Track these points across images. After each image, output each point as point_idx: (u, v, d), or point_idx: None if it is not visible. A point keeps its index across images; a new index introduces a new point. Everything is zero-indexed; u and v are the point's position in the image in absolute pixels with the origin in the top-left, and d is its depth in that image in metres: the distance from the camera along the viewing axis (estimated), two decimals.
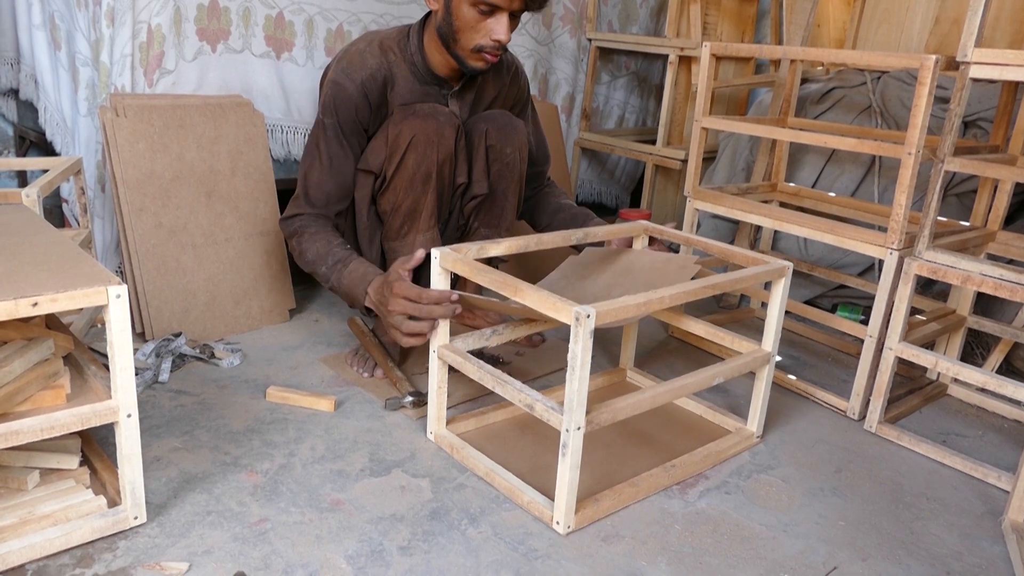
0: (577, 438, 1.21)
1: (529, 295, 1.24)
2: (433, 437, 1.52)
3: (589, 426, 1.22)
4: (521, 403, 1.29)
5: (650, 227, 1.70)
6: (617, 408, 1.27)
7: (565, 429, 1.20)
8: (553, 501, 1.27)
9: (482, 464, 1.41)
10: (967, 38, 1.50)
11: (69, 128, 2.02)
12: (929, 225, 1.60)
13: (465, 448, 1.45)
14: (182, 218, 1.88)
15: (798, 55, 1.88)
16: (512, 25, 1.60)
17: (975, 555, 1.31)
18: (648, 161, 2.93)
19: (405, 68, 1.70)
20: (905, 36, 2.51)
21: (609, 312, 1.18)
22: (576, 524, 1.28)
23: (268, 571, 1.13)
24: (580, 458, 1.23)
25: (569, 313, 1.16)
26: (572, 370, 1.17)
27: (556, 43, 2.94)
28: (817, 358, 2.10)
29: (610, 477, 1.43)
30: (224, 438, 1.48)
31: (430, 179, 1.66)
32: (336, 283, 1.60)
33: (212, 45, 2.05)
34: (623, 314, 1.21)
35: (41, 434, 1.07)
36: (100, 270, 1.10)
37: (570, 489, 1.24)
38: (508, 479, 1.37)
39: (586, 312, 1.13)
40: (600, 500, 1.33)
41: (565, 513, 1.26)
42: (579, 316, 1.14)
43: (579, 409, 1.19)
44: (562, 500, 1.25)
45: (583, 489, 1.35)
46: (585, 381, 1.18)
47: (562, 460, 1.22)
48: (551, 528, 1.27)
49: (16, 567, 1.10)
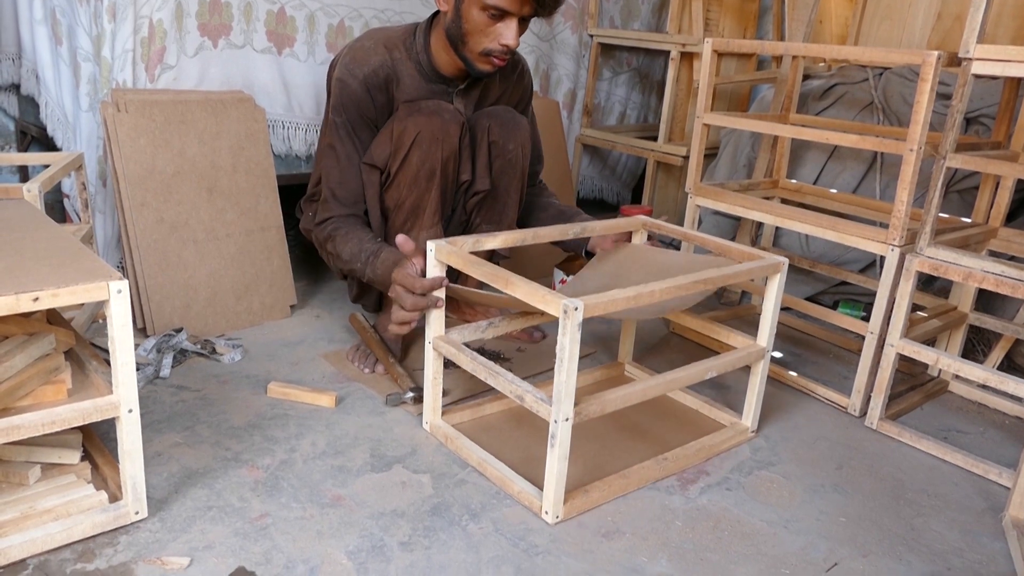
0: (565, 429, 1.22)
1: (519, 287, 1.25)
2: (428, 427, 1.53)
3: (577, 418, 1.23)
4: (512, 394, 1.31)
5: (649, 222, 1.70)
6: (606, 400, 1.28)
7: (553, 420, 1.22)
8: (542, 491, 1.29)
9: (475, 454, 1.42)
10: (969, 34, 1.49)
11: (70, 123, 2.02)
12: (930, 221, 1.60)
13: (459, 438, 1.47)
14: (183, 214, 1.88)
15: (800, 51, 1.88)
16: (521, 29, 1.60)
17: (976, 551, 1.31)
18: (649, 157, 2.92)
19: (410, 66, 1.70)
20: (907, 32, 2.50)
21: (598, 305, 1.18)
22: (565, 514, 1.29)
23: (269, 566, 1.13)
24: (568, 449, 1.24)
25: (557, 305, 1.17)
26: (560, 362, 1.18)
27: (558, 39, 2.93)
28: (818, 354, 2.10)
29: (602, 469, 1.44)
30: (225, 434, 1.48)
31: (434, 176, 1.66)
32: (372, 276, 1.57)
33: (214, 40, 2.04)
34: (613, 307, 1.21)
35: (42, 429, 1.07)
36: (101, 265, 1.10)
37: (558, 479, 1.25)
38: (500, 469, 1.38)
39: (574, 304, 1.14)
40: (590, 491, 1.34)
41: (554, 503, 1.27)
42: (567, 308, 1.15)
43: (567, 401, 1.20)
44: (551, 490, 1.26)
45: (575, 480, 1.37)
46: (573, 373, 1.18)
47: (551, 451, 1.24)
48: (544, 520, 1.28)
49: (17, 561, 1.10)
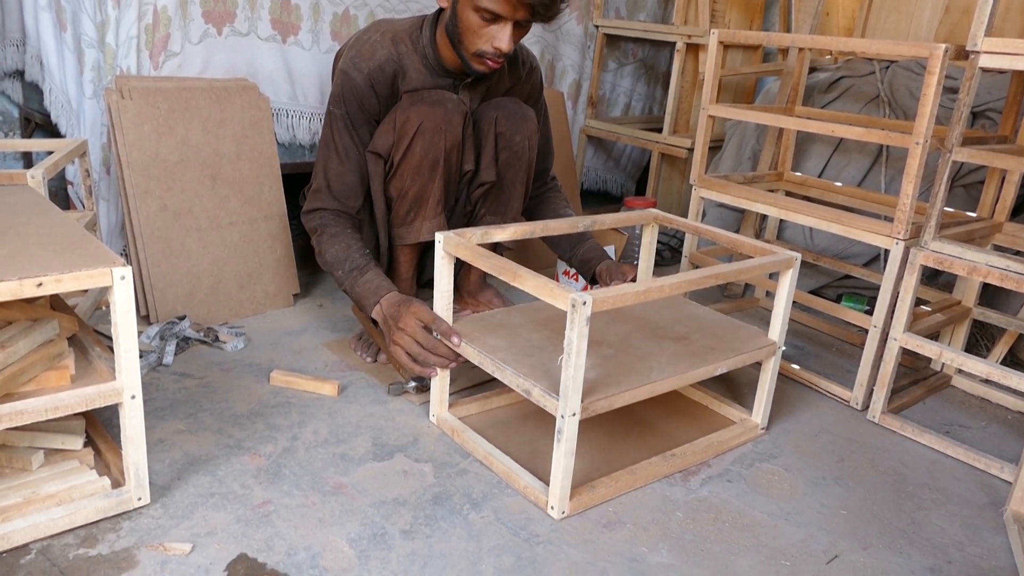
0: (572, 424, 1.21)
1: (528, 281, 1.24)
2: (435, 420, 1.52)
3: (585, 413, 1.22)
4: (519, 388, 1.29)
5: (660, 215, 1.69)
6: (614, 395, 1.26)
7: (560, 415, 1.21)
8: (548, 486, 1.28)
9: (481, 448, 1.42)
10: (977, 27, 1.48)
11: (74, 110, 2.02)
12: (936, 215, 1.59)
13: (466, 431, 1.46)
14: (187, 201, 1.88)
15: (806, 43, 1.87)
16: (518, 34, 1.58)
17: (976, 545, 1.31)
18: (654, 149, 2.92)
19: (416, 60, 1.69)
20: (915, 25, 2.49)
21: (607, 299, 1.17)
22: (571, 510, 1.28)
23: (270, 553, 1.14)
24: (575, 444, 1.23)
25: (566, 299, 1.16)
26: (568, 356, 1.16)
27: (563, 29, 2.92)
28: (821, 348, 2.10)
29: (609, 464, 1.43)
30: (228, 421, 1.48)
31: (437, 166, 1.66)
32: (349, 288, 1.61)
33: (218, 28, 2.04)
34: (621, 302, 1.20)
35: (45, 414, 1.08)
36: (105, 251, 1.10)
37: (564, 475, 1.24)
38: (506, 463, 1.37)
39: (582, 299, 1.13)
40: (596, 487, 1.33)
41: (560, 498, 1.26)
42: (575, 303, 1.14)
43: (574, 395, 1.19)
44: (556, 485, 1.25)
45: (582, 475, 1.36)
46: (581, 368, 1.17)
47: (557, 446, 1.23)
48: (549, 515, 1.28)
49: (20, 546, 1.10)
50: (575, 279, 2.24)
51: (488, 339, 1.41)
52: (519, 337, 1.44)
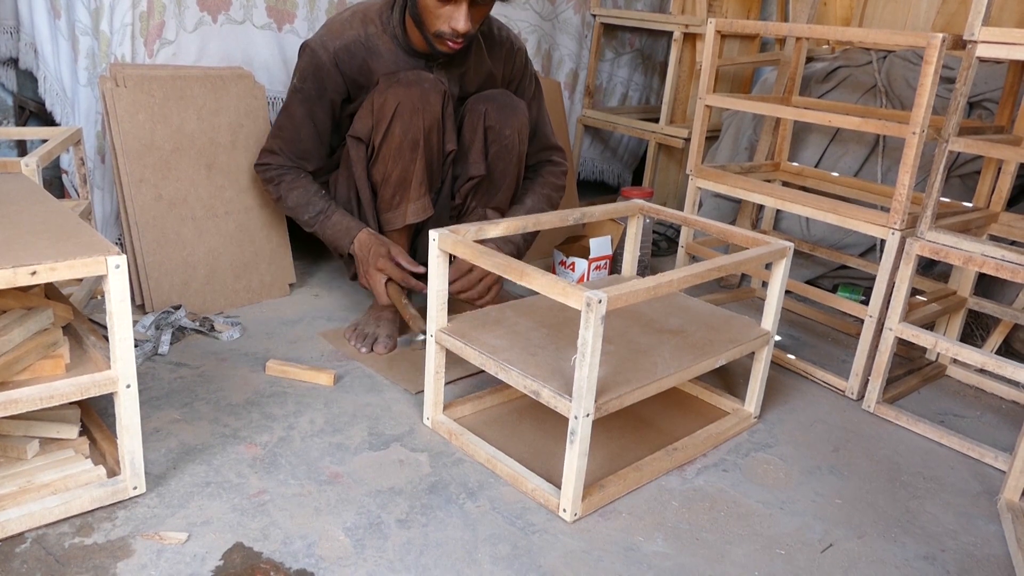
0: (586, 425, 1.18)
1: (536, 279, 1.22)
2: (430, 423, 1.49)
3: (598, 413, 1.20)
4: (526, 389, 1.27)
5: (646, 207, 1.69)
6: (625, 394, 1.25)
7: (574, 416, 1.18)
8: (557, 488, 1.26)
9: (483, 451, 1.38)
10: (974, 17, 1.48)
11: (69, 98, 2.01)
12: (932, 205, 1.59)
13: (464, 434, 1.43)
14: (182, 190, 1.87)
15: (804, 33, 1.86)
16: (475, 13, 1.58)
17: (970, 534, 1.32)
18: (651, 139, 2.91)
19: (387, 40, 1.70)
20: (912, 15, 2.49)
21: (621, 296, 1.15)
22: (583, 511, 1.26)
23: (266, 542, 1.14)
24: (588, 446, 1.21)
25: (580, 298, 1.13)
26: (582, 356, 1.14)
27: (560, 18, 2.91)
28: (817, 338, 2.10)
29: (611, 461, 1.41)
30: (223, 410, 1.48)
31: (417, 147, 1.65)
32: (320, 230, 1.74)
33: (213, 16, 2.03)
34: (635, 298, 1.19)
35: (40, 403, 1.08)
36: (99, 240, 1.10)
37: (578, 477, 1.22)
38: (512, 466, 1.34)
39: (597, 297, 1.10)
40: (606, 486, 1.31)
41: (572, 501, 1.23)
42: (590, 301, 1.10)
43: (588, 396, 1.17)
44: (569, 487, 1.23)
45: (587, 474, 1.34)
46: (595, 367, 1.15)
47: (570, 447, 1.20)
48: (556, 514, 1.26)
49: (15, 535, 1.10)
50: (571, 269, 2.24)
51: (488, 339, 1.39)
52: (519, 335, 1.41)
